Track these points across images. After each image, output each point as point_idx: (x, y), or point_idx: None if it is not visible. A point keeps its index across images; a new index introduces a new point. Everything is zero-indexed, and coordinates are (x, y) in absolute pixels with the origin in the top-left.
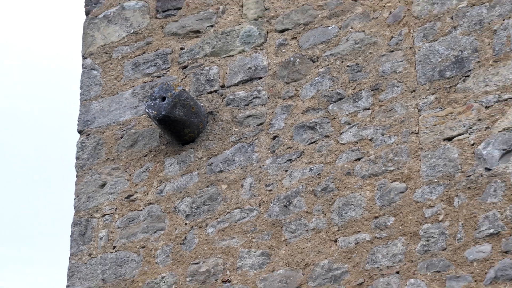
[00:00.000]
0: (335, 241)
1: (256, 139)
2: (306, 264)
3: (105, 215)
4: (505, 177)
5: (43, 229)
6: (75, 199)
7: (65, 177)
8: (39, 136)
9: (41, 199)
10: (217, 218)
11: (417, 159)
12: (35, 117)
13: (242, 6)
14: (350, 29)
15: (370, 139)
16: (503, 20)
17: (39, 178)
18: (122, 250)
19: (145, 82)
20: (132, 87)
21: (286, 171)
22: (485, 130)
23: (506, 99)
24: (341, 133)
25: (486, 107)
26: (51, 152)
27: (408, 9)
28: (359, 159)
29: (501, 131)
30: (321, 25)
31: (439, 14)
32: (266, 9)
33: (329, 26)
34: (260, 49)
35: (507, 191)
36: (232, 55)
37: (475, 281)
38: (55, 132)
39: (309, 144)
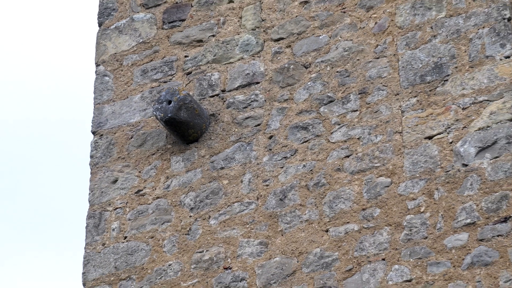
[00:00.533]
0: (327, 231)
1: (254, 138)
2: (300, 252)
3: (117, 208)
4: (481, 172)
5: (43, 228)
6: (89, 194)
7: (65, 177)
8: (39, 136)
9: (41, 198)
10: (219, 210)
11: (400, 156)
12: (35, 116)
13: (241, 18)
14: (339, 38)
15: (358, 138)
16: (478, 29)
17: (40, 178)
18: (132, 240)
19: (153, 87)
20: (141, 91)
21: (282, 167)
22: (462, 129)
23: (481, 101)
24: (332, 133)
25: (463, 109)
26: (51, 152)
27: (392, 20)
28: (348, 156)
29: (476, 130)
30: (313, 34)
31: (420, 24)
32: (262, 20)
33: (320, 36)
34: (258, 56)
35: (482, 184)
36: (232, 62)
37: (454, 266)
38: (55, 132)
39: (303, 143)
